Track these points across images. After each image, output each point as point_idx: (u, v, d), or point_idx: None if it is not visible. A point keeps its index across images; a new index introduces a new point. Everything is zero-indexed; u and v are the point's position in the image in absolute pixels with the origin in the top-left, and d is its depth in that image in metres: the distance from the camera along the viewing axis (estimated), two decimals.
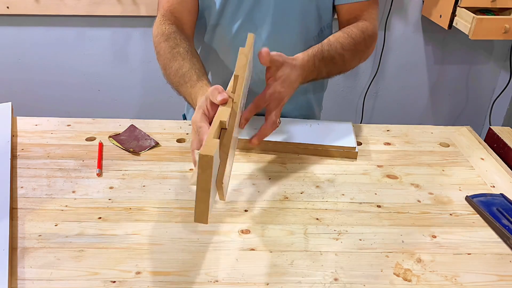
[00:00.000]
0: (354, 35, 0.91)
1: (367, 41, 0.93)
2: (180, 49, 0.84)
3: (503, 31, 1.47)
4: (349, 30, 0.92)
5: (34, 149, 0.88)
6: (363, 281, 0.62)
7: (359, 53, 0.93)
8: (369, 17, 0.95)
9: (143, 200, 0.75)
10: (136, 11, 1.72)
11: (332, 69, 0.89)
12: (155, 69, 1.87)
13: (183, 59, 0.82)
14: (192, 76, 0.79)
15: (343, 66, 0.91)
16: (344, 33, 0.91)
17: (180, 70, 0.81)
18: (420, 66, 1.93)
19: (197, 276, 0.61)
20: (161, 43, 0.86)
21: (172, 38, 0.86)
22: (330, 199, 0.77)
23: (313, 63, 0.84)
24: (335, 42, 0.88)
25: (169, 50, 0.85)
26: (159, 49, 0.87)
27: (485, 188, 0.81)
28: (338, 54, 0.87)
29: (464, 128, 1.01)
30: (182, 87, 0.81)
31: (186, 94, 0.80)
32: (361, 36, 0.92)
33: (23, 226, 0.69)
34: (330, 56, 0.86)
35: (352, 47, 0.90)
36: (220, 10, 0.92)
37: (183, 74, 0.81)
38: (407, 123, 1.03)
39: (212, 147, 0.52)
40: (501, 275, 0.63)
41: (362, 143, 0.94)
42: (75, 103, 1.93)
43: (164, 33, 0.87)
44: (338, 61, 0.88)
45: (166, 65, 0.85)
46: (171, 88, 0.86)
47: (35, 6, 1.69)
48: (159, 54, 0.87)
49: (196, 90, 0.77)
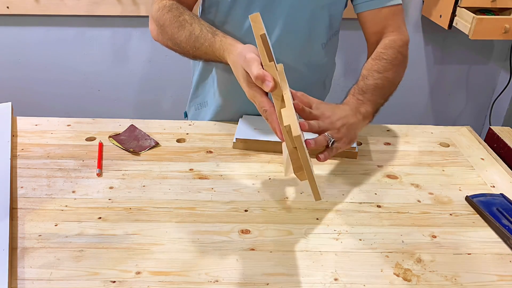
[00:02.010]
0: (386, 56, 0.88)
1: (401, 52, 0.90)
2: (185, 16, 0.85)
3: (503, 31, 1.47)
4: (378, 54, 0.89)
5: (34, 149, 0.88)
6: (363, 281, 0.62)
7: (398, 66, 0.90)
8: (396, 26, 0.91)
9: (143, 200, 0.75)
10: (136, 11, 1.72)
11: (384, 93, 0.86)
12: (155, 69, 1.89)
13: (191, 23, 0.83)
14: (206, 35, 0.81)
15: (393, 85, 0.89)
16: (375, 60, 0.88)
17: (192, 34, 0.82)
18: (420, 66, 1.93)
19: (197, 276, 0.62)
20: (164, 15, 0.87)
21: (174, 9, 0.86)
22: (330, 199, 0.77)
23: (356, 100, 0.82)
24: (369, 73, 0.86)
25: (175, 19, 0.85)
26: (163, 21, 0.87)
27: (485, 188, 0.81)
28: (379, 79, 0.85)
29: (464, 128, 1.01)
30: (199, 50, 0.82)
31: (207, 55, 0.81)
32: (393, 52, 0.88)
33: (23, 226, 0.69)
34: (371, 86, 0.84)
35: (389, 66, 0.87)
36: (229, 8, 0.91)
37: (196, 37, 0.82)
38: (407, 123, 1.03)
39: (295, 126, 0.60)
40: (501, 275, 0.63)
41: (362, 143, 0.94)
42: (75, 103, 1.93)
43: (166, 6, 0.87)
44: (384, 85, 0.86)
45: (175, 34, 0.85)
46: (183, 56, 0.87)
47: (35, 6, 1.69)
48: (164, 26, 0.87)
49: (217, 48, 0.78)
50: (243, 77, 0.70)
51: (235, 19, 0.92)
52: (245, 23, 0.92)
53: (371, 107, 0.83)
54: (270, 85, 0.63)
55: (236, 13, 0.91)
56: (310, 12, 0.91)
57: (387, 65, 0.87)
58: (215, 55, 0.80)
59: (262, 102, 0.67)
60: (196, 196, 0.77)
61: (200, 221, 0.71)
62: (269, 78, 0.64)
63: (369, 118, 0.83)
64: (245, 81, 0.69)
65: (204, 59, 0.85)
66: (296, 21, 0.91)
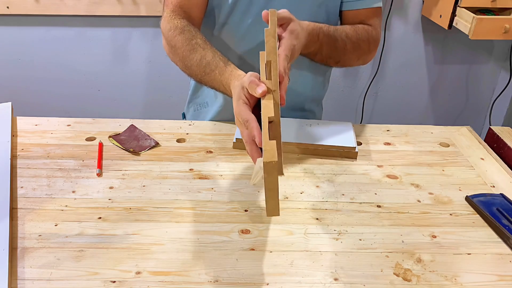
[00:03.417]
0: (359, 30, 0.92)
1: (370, 43, 0.95)
2: (198, 40, 0.84)
3: (503, 31, 1.47)
4: (355, 26, 0.93)
5: (34, 149, 0.88)
6: (363, 281, 0.62)
7: (360, 50, 0.94)
8: (374, 24, 0.96)
9: (143, 200, 0.75)
10: (136, 11, 1.72)
11: (332, 52, 0.90)
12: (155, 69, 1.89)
13: (204, 48, 0.83)
14: (218, 63, 0.80)
15: (343, 55, 0.92)
16: (350, 26, 0.93)
17: (203, 59, 0.82)
18: (420, 66, 1.93)
19: (197, 276, 0.62)
20: (176, 36, 0.86)
21: (187, 31, 0.86)
22: (330, 199, 0.77)
23: (317, 34, 0.84)
24: (340, 29, 0.90)
25: (187, 42, 0.85)
26: (175, 42, 0.87)
27: (485, 188, 0.81)
28: (341, 39, 0.88)
29: (464, 128, 1.01)
30: (208, 76, 0.81)
31: (214, 82, 0.80)
32: (365, 35, 0.93)
33: (23, 226, 0.69)
34: (333, 37, 0.87)
35: (355, 40, 0.91)
36: (231, 8, 0.92)
37: (207, 63, 0.81)
38: (407, 123, 1.03)
39: (272, 151, 0.56)
40: (501, 275, 0.63)
41: (362, 143, 0.94)
42: (75, 103, 1.93)
43: (178, 27, 0.87)
44: (339, 46, 0.89)
45: (186, 57, 0.85)
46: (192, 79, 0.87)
47: (35, 6, 1.69)
48: (176, 47, 0.87)
49: (226, 76, 0.77)
50: (237, 94, 0.69)
51: (235, 20, 0.93)
52: (244, 23, 0.92)
53: (314, 48, 0.86)
54: (261, 90, 0.63)
55: (236, 14, 0.92)
56: (308, 10, 0.92)
57: (353, 37, 0.91)
58: (222, 83, 0.78)
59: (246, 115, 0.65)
60: (196, 196, 0.77)
61: (200, 221, 0.71)
62: (262, 84, 0.64)
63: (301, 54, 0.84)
64: (237, 97, 0.68)
65: (209, 86, 0.84)
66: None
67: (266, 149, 0.57)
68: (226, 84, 0.77)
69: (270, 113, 0.61)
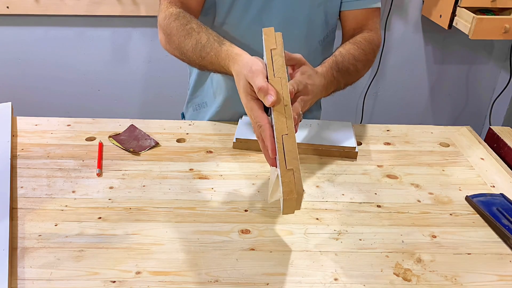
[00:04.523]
0: (363, 46, 0.91)
1: (375, 51, 0.95)
2: (192, 25, 0.83)
3: (503, 31, 1.47)
4: (358, 41, 0.92)
5: (34, 149, 0.88)
6: (363, 281, 0.62)
7: (369, 62, 0.94)
8: (374, 27, 0.96)
9: (143, 200, 0.75)
10: (136, 11, 1.72)
11: (348, 79, 0.89)
12: (155, 69, 1.89)
13: (198, 32, 0.81)
14: (213, 44, 0.78)
15: (357, 76, 0.91)
16: (354, 44, 0.91)
17: (198, 43, 0.80)
18: (420, 66, 1.93)
19: (197, 276, 0.62)
20: (171, 23, 0.85)
21: (182, 17, 0.85)
22: (330, 199, 0.77)
23: (331, 74, 0.83)
24: (347, 54, 0.88)
25: (182, 28, 0.83)
26: (170, 29, 0.85)
27: (485, 188, 0.81)
28: (352, 65, 0.87)
29: (464, 128, 1.01)
30: (205, 59, 0.80)
31: (212, 64, 0.79)
32: (370, 47, 0.93)
33: (23, 226, 0.69)
34: (345, 67, 0.86)
35: (363, 57, 0.90)
36: (229, 8, 0.92)
37: (203, 46, 0.79)
38: (407, 123, 1.03)
39: (291, 184, 0.58)
40: (501, 275, 0.63)
41: (362, 143, 0.94)
42: (75, 103, 1.93)
43: (173, 14, 0.86)
44: (352, 72, 0.88)
45: (181, 43, 0.83)
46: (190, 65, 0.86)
47: (35, 6, 1.69)
48: (171, 34, 0.85)
49: (223, 57, 0.75)
50: (244, 88, 0.67)
51: (234, 19, 0.92)
52: (243, 23, 0.92)
53: (334, 88, 0.85)
54: (272, 99, 0.61)
55: (235, 13, 0.92)
56: (307, 10, 0.92)
57: (361, 56, 0.90)
58: (220, 65, 0.77)
59: (258, 117, 0.64)
60: (196, 196, 0.77)
61: (200, 221, 0.71)
62: (272, 92, 0.62)
63: (324, 96, 0.84)
64: (244, 92, 0.67)
65: (210, 70, 0.82)
66: (293, 20, 0.92)
67: (284, 181, 0.58)
68: (225, 66, 0.75)
69: (284, 131, 0.61)
